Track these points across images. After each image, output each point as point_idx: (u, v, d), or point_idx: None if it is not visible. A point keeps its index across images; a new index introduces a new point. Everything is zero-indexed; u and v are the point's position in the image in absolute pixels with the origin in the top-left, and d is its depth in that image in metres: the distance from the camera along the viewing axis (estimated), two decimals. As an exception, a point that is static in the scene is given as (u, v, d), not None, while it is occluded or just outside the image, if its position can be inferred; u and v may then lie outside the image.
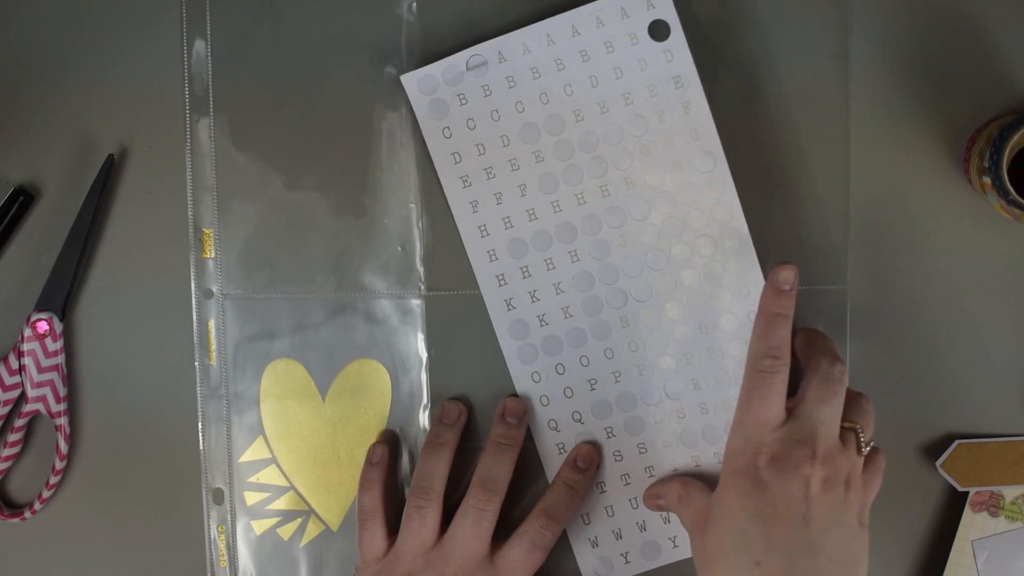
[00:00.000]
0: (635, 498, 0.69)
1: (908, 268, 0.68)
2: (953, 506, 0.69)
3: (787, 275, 0.64)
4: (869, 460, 0.63)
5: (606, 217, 0.66)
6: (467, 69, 0.64)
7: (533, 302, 0.67)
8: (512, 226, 0.67)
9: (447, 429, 0.68)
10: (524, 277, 0.67)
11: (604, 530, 0.69)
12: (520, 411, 0.68)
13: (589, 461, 0.68)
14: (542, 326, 0.68)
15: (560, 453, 0.69)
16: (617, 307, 0.67)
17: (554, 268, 0.67)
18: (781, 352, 0.62)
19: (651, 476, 0.69)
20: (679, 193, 0.66)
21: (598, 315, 0.67)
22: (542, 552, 0.66)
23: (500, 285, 0.67)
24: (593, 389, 0.68)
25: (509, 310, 0.68)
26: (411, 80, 0.66)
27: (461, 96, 0.65)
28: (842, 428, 0.61)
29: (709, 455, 0.68)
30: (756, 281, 0.66)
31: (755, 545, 0.59)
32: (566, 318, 0.67)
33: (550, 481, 0.69)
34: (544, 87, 0.65)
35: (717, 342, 0.67)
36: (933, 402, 0.69)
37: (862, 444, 0.61)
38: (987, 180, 0.63)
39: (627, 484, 0.69)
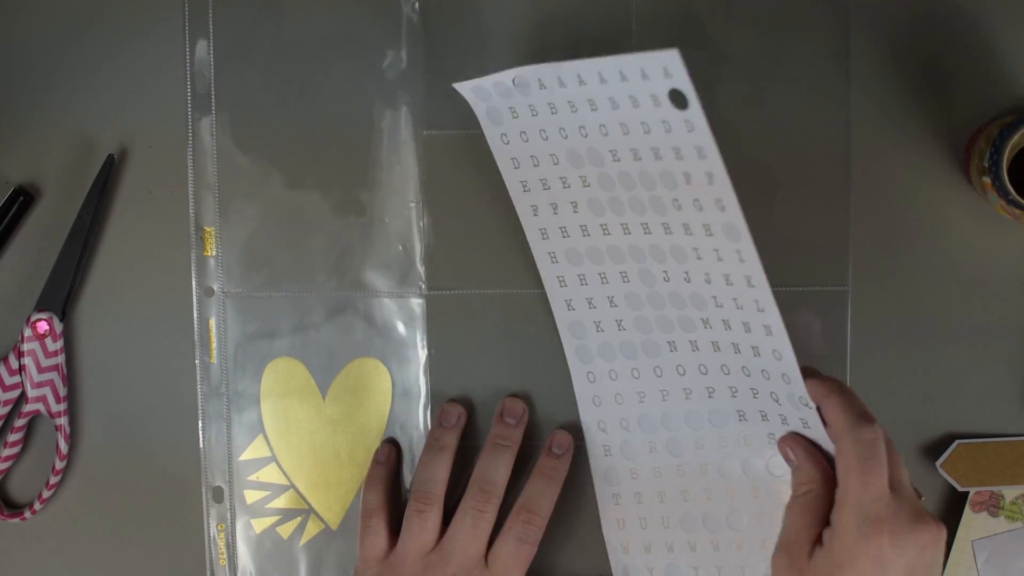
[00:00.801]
0: (667, 517, 0.68)
1: (908, 268, 0.68)
2: (953, 506, 0.69)
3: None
4: None
5: (650, 251, 0.64)
6: (514, 86, 0.63)
7: (590, 308, 0.67)
8: (568, 236, 0.66)
9: (447, 432, 0.68)
10: (581, 284, 0.67)
11: (635, 539, 0.69)
12: (518, 411, 0.68)
13: (564, 447, 0.68)
14: (598, 332, 0.67)
15: (606, 455, 0.69)
16: (665, 331, 0.66)
17: (607, 283, 0.66)
18: (874, 416, 0.60)
19: (685, 500, 0.68)
20: (709, 254, 0.62)
21: (649, 334, 0.67)
22: (530, 546, 0.66)
23: (560, 286, 0.67)
24: (641, 402, 0.68)
25: (569, 310, 0.67)
26: (465, 88, 0.64)
27: (512, 109, 0.64)
28: None
29: (745, 488, 0.67)
30: (781, 337, 0.61)
31: None
32: (619, 330, 0.67)
33: (613, 492, 0.69)
34: (581, 121, 0.62)
35: (756, 385, 0.65)
36: (933, 402, 0.69)
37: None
38: (987, 180, 0.63)
39: (661, 501, 0.68)
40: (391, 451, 0.69)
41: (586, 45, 0.68)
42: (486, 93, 0.64)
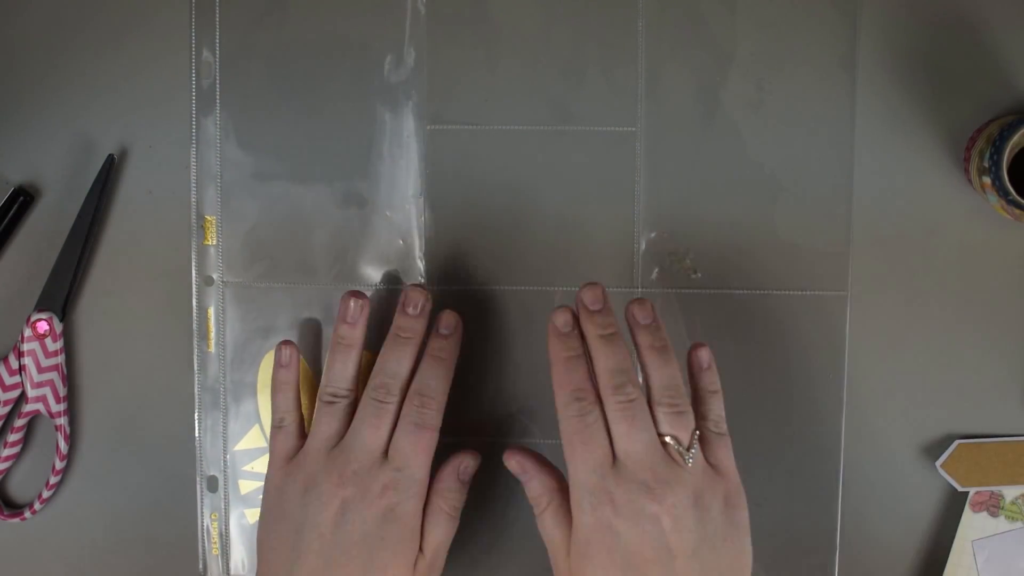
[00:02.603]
0: None
1: (908, 268, 0.68)
2: (953, 506, 0.69)
3: (566, 318, 0.62)
4: (708, 448, 0.62)
5: None
6: None
7: None
8: None
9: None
10: None
11: None
12: (420, 301, 0.65)
13: (451, 327, 0.66)
14: None
15: None
16: None
17: None
18: (587, 388, 0.61)
19: None
20: None
21: None
22: (429, 432, 0.63)
23: None
24: None
25: None
26: None
27: None
28: (664, 444, 0.60)
29: None
30: None
31: None
32: None
33: None
34: None
35: None
36: (933, 402, 0.69)
37: (683, 456, 0.60)
38: (987, 180, 0.63)
39: None
40: (292, 351, 0.68)
41: (592, 44, 0.68)
42: None
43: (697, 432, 0.60)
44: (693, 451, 0.60)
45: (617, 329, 0.61)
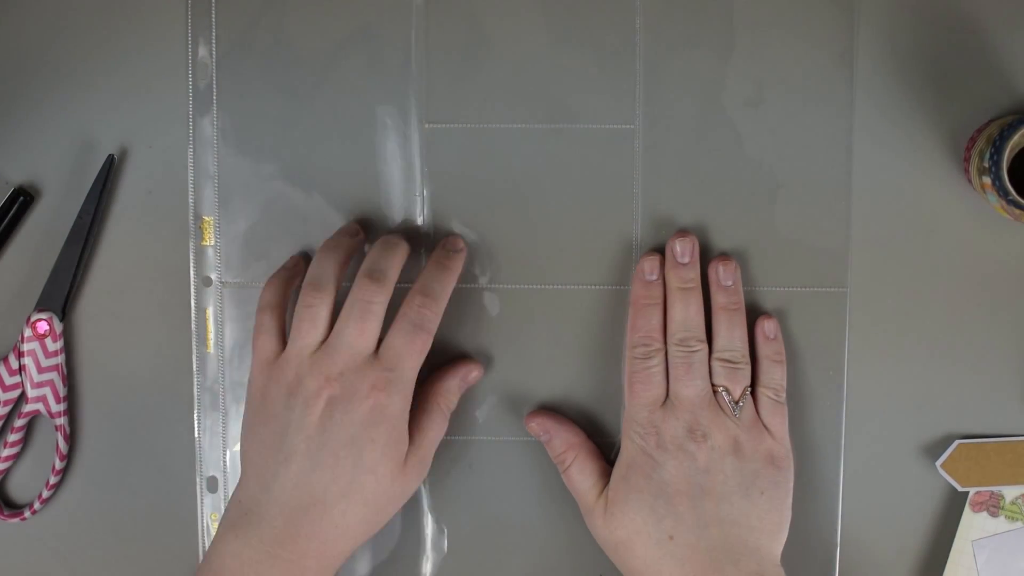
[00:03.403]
0: None
1: (908, 268, 0.68)
2: (953, 506, 0.69)
3: (653, 266, 0.67)
4: (764, 412, 0.66)
5: None
6: None
7: None
8: None
9: (345, 235, 0.67)
10: None
11: None
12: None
13: (458, 247, 0.68)
14: None
15: None
16: None
17: None
18: (654, 338, 0.66)
19: None
20: None
21: None
22: (425, 333, 0.63)
23: None
24: None
25: None
26: None
27: None
28: (716, 393, 0.65)
29: None
30: None
31: (666, 520, 0.63)
32: None
33: None
34: None
35: None
36: (933, 402, 0.69)
37: (731, 407, 0.65)
38: (987, 180, 0.63)
39: None
40: (299, 261, 0.69)
41: (590, 43, 0.68)
42: None
43: (749, 389, 0.65)
44: (741, 404, 0.65)
45: (697, 284, 0.66)
